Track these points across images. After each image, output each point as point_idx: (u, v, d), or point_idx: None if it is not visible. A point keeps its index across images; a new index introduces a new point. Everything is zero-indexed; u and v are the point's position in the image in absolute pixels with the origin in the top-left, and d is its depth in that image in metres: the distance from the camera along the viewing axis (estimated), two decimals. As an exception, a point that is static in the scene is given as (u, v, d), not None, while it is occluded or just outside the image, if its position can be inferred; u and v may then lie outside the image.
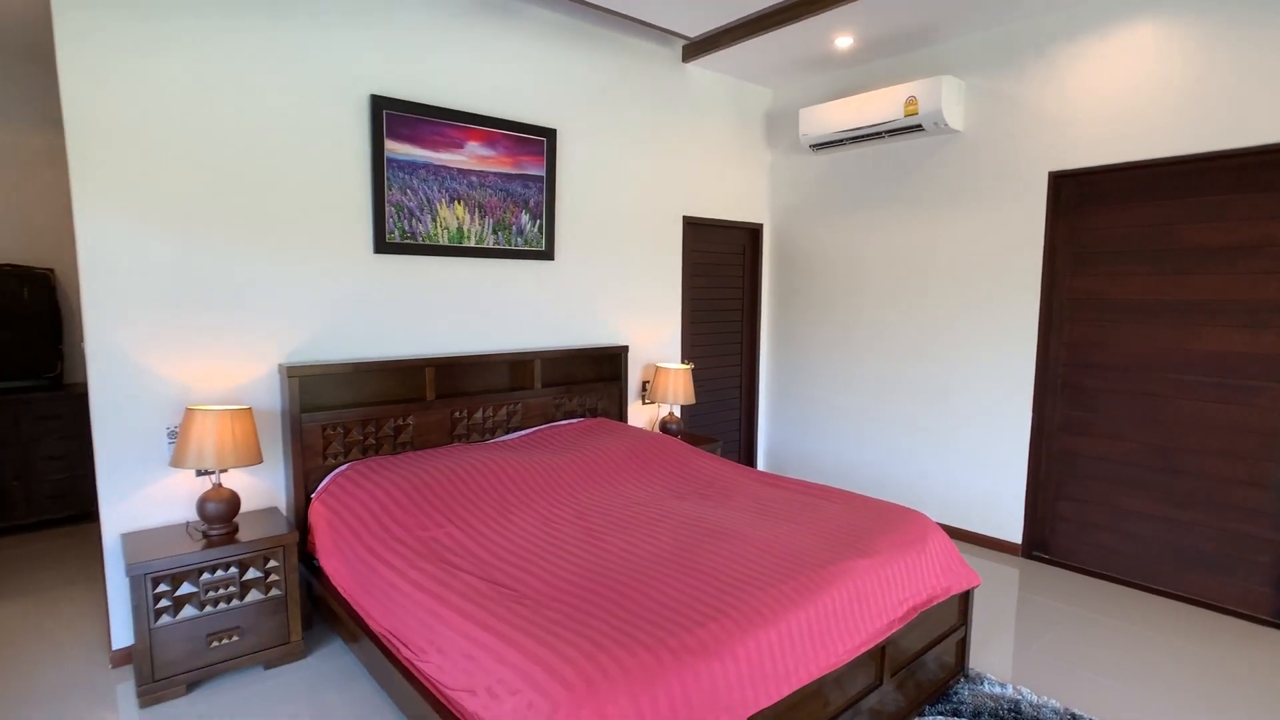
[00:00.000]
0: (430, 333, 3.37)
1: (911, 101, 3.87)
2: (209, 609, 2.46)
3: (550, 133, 3.68)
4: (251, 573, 2.54)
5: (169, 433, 2.67)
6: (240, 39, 2.73)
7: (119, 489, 2.60)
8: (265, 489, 2.93)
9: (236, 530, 2.61)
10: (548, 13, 3.65)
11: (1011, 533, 3.86)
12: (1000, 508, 3.90)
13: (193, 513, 2.76)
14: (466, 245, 3.43)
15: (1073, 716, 2.32)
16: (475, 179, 3.43)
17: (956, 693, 2.45)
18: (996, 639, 2.93)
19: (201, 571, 2.44)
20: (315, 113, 2.94)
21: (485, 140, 3.44)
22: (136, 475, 2.63)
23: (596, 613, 1.82)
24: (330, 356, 3.07)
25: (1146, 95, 3.24)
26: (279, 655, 2.63)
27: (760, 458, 5.23)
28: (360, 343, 3.16)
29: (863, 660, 2.08)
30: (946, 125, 3.83)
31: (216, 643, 2.48)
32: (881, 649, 2.15)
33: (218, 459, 2.47)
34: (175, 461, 2.46)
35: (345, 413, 3.01)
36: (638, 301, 4.27)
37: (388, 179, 3.14)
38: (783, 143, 4.92)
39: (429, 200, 3.29)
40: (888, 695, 2.21)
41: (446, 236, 3.36)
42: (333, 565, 2.53)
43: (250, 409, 2.61)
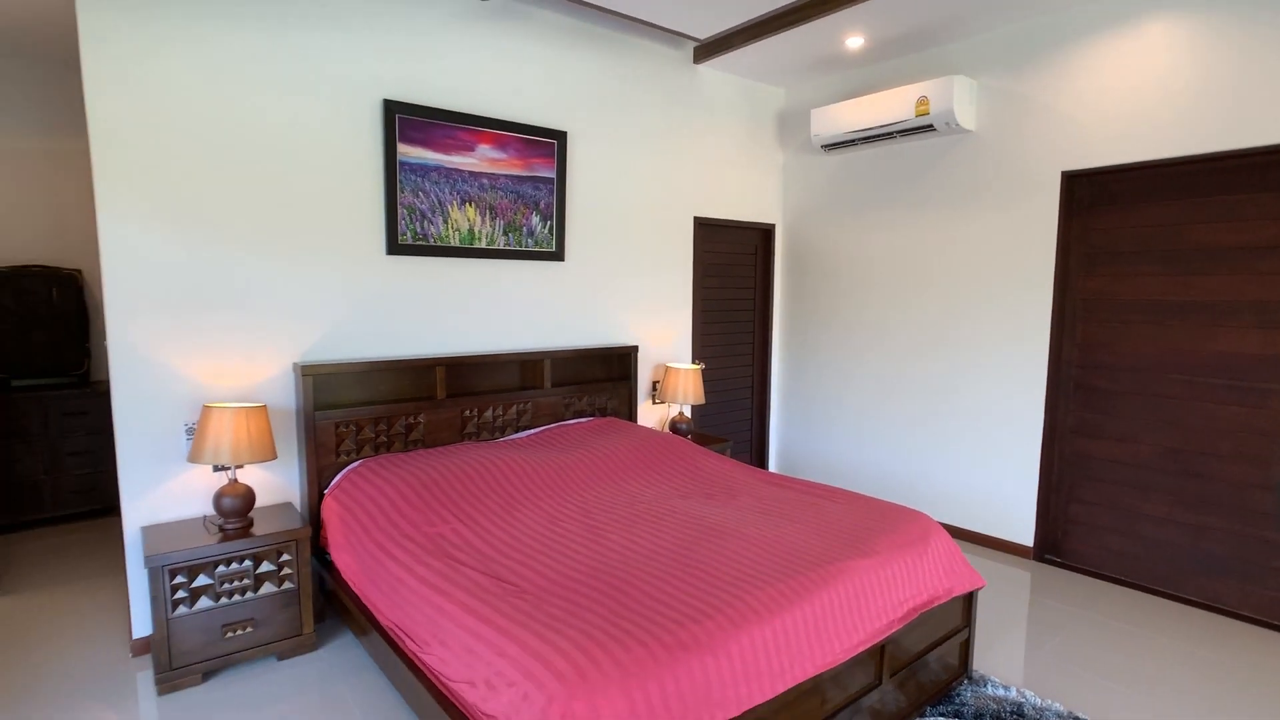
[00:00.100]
0: (441, 332, 3.43)
1: (923, 101, 3.86)
2: (224, 601, 2.53)
3: (561, 135, 3.72)
4: (265, 566, 2.61)
5: (187, 429, 2.75)
6: (258, 45, 2.80)
7: (139, 483, 2.69)
8: (280, 485, 3.01)
9: (251, 524, 2.68)
10: (558, 16, 3.69)
11: (1023, 536, 3.83)
12: (1012, 510, 3.87)
13: (210, 507, 2.84)
14: (477, 246, 3.49)
15: (1076, 720, 2.31)
16: (486, 181, 3.48)
17: (959, 694, 2.45)
18: (1004, 641, 2.92)
19: (217, 564, 2.51)
20: (329, 117, 3.01)
21: (496, 143, 3.49)
22: (156, 470, 2.71)
23: (595, 608, 1.85)
24: (343, 355, 3.14)
25: (1159, 94, 3.20)
26: (292, 647, 2.70)
27: (771, 458, 5.23)
28: (373, 342, 3.22)
29: (862, 659, 2.09)
30: (958, 125, 3.81)
31: (231, 634, 2.56)
32: (881, 648, 2.15)
33: (233, 455, 2.54)
34: (193, 457, 2.54)
35: (358, 411, 3.07)
36: (648, 302, 4.30)
37: (400, 181, 3.20)
38: (795, 143, 4.92)
39: (440, 202, 3.34)
40: (888, 695, 2.22)
41: (458, 238, 3.42)
42: (344, 560, 2.59)
43: (265, 407, 2.68)
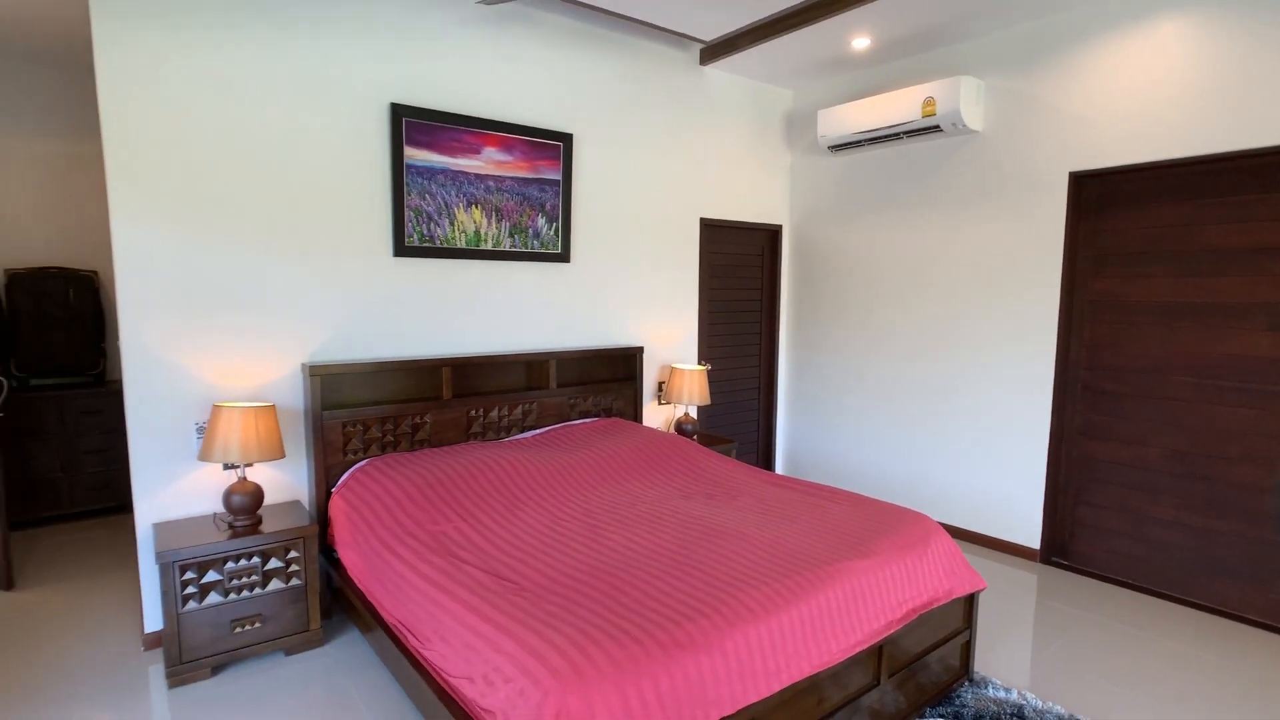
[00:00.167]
0: (448, 333, 3.47)
1: (929, 102, 3.85)
2: (233, 596, 2.58)
3: (566, 137, 3.75)
4: (273, 563, 2.66)
5: (198, 428, 2.80)
6: (267, 52, 2.85)
7: (151, 481, 2.74)
8: (288, 483, 3.06)
9: (260, 522, 2.73)
10: (564, 19, 3.72)
11: (1030, 538, 3.81)
12: (1019, 513, 3.85)
13: (220, 504, 2.89)
14: (484, 248, 3.52)
15: (1077, 723, 2.31)
16: (492, 183, 3.52)
17: (959, 695, 2.44)
18: (1007, 644, 2.91)
19: (226, 560, 2.56)
20: (337, 121, 3.06)
21: (502, 146, 3.53)
22: (167, 468, 2.77)
23: (592, 606, 1.87)
24: (351, 356, 3.19)
25: (1168, 94, 3.18)
26: (299, 642, 2.74)
27: (778, 459, 5.23)
28: (380, 343, 3.26)
29: (860, 659, 2.10)
30: (965, 126, 3.80)
31: (240, 629, 2.60)
32: (879, 649, 2.16)
33: (242, 453, 2.59)
34: (203, 455, 2.59)
35: (365, 410, 3.12)
36: (653, 303, 4.32)
37: (407, 184, 3.24)
38: (802, 144, 4.92)
39: (447, 205, 3.38)
40: (887, 695, 2.23)
41: (464, 240, 3.46)
42: (350, 557, 2.63)
43: (274, 406, 2.73)
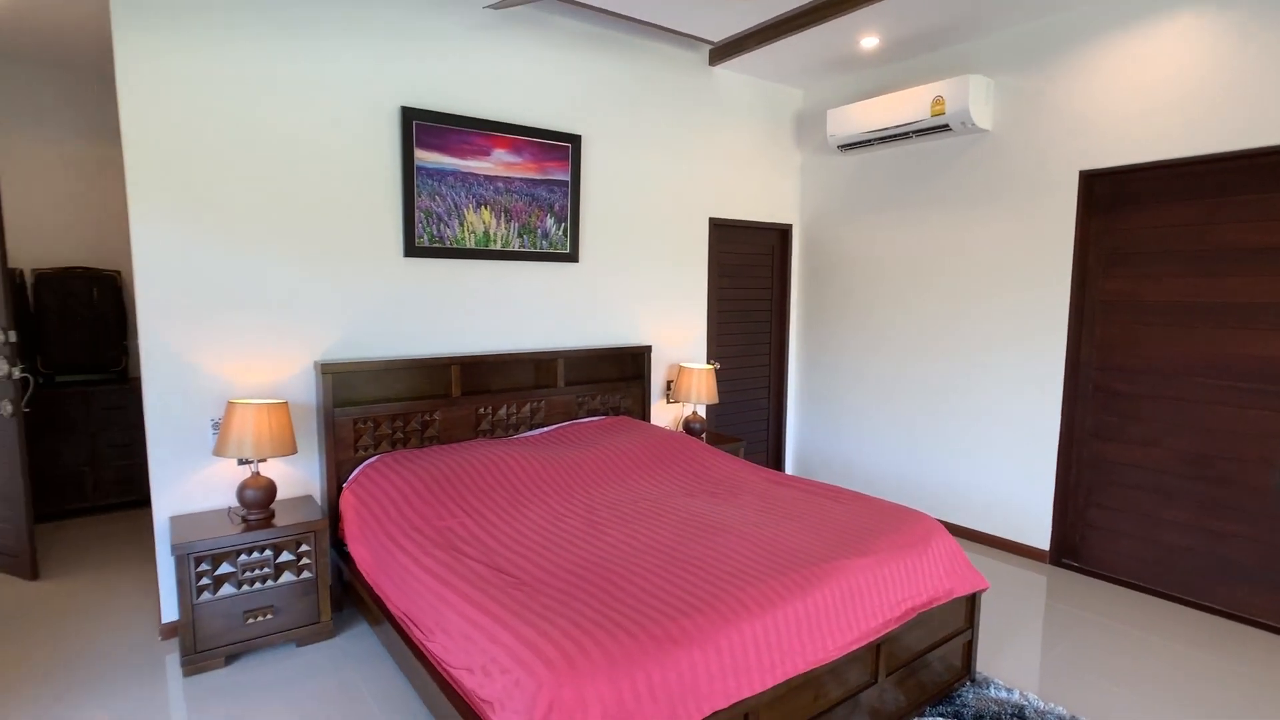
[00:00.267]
0: (457, 332, 3.52)
1: (938, 101, 3.84)
2: (246, 588, 2.65)
3: (575, 139, 3.78)
4: (285, 556, 2.72)
5: (213, 424, 2.88)
6: (280, 58, 2.92)
7: (168, 475, 2.82)
8: (301, 478, 3.12)
9: (273, 516, 2.80)
10: (573, 22, 3.76)
11: (1040, 539, 3.78)
12: (1029, 514, 3.83)
13: (234, 499, 2.96)
14: (493, 248, 3.57)
15: (1079, 724, 2.30)
16: (501, 185, 3.57)
17: (960, 695, 2.45)
18: (1012, 644, 2.90)
19: (239, 553, 2.63)
20: (349, 124, 3.12)
21: (511, 147, 3.57)
22: (184, 463, 2.84)
23: (588, 600, 1.91)
24: (362, 355, 3.25)
25: (1180, 91, 3.14)
26: (310, 634, 2.81)
27: (788, 458, 5.23)
28: (390, 342, 3.32)
29: (858, 657, 2.11)
30: (974, 125, 3.78)
31: (253, 620, 2.67)
32: (877, 647, 2.17)
33: (256, 449, 2.65)
34: (218, 451, 2.66)
35: (375, 408, 3.17)
36: (662, 302, 4.34)
37: (417, 186, 3.29)
38: (812, 143, 4.91)
39: (457, 206, 3.43)
40: (886, 693, 2.23)
41: (473, 240, 3.51)
42: (359, 552, 2.69)
43: (286, 403, 2.80)
